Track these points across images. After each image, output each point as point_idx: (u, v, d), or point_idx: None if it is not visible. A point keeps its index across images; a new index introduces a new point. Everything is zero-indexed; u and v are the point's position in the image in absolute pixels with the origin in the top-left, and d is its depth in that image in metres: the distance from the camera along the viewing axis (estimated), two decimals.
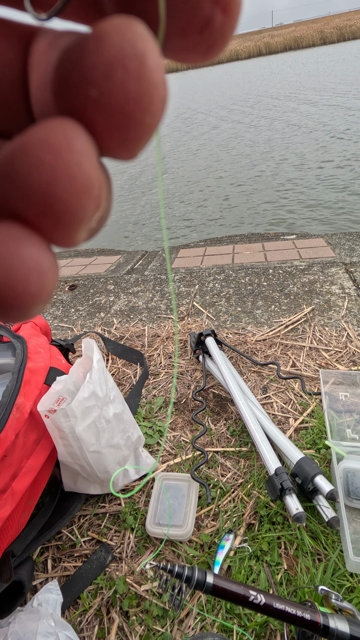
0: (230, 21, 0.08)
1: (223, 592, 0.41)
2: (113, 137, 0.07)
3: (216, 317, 1.35)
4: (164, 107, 0.08)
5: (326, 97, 7.01)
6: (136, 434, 0.78)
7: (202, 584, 0.41)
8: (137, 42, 0.07)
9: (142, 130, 0.07)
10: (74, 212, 0.07)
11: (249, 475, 0.78)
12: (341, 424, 0.82)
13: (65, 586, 0.65)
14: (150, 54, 0.07)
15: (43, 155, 0.07)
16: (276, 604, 0.41)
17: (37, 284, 0.07)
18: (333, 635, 0.40)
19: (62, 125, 0.07)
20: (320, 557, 0.64)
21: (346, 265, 1.52)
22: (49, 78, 0.08)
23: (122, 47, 0.07)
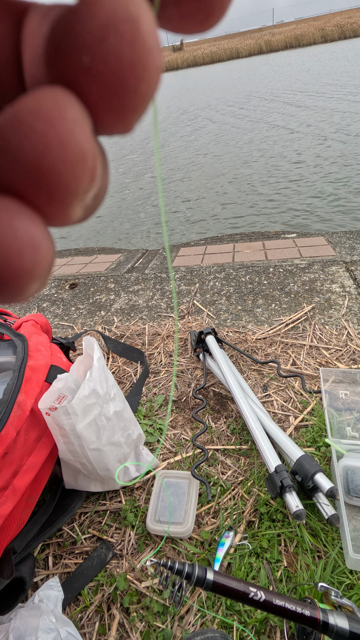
0: None
1: (223, 588, 0.41)
2: (107, 107, 0.07)
3: (217, 316, 1.35)
4: (158, 75, 0.07)
5: (326, 96, 6.99)
6: (137, 432, 0.78)
7: (203, 580, 0.41)
8: (130, 6, 0.07)
9: (137, 99, 0.07)
10: (68, 183, 0.07)
11: (249, 473, 0.78)
12: (341, 422, 0.83)
13: (66, 583, 0.66)
14: (143, 18, 0.07)
15: (35, 124, 0.07)
16: (276, 600, 0.41)
17: (31, 259, 0.07)
18: (332, 631, 0.40)
19: (54, 93, 0.07)
20: (320, 555, 0.64)
21: (347, 264, 1.52)
22: (41, 50, 0.07)
23: (114, 11, 0.07)
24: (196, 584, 0.41)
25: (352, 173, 3.44)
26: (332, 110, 5.77)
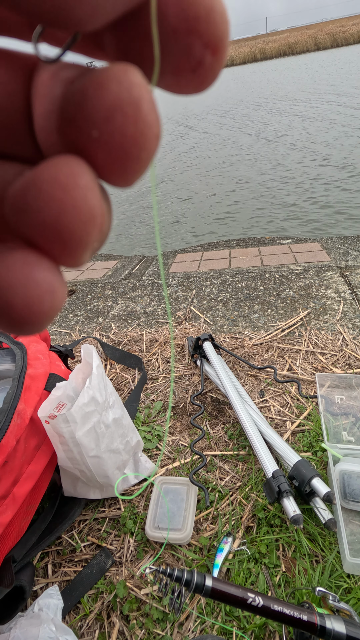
0: (219, 61, 0.09)
1: (222, 595, 0.42)
2: (112, 170, 0.08)
3: (213, 322, 1.36)
4: (157, 143, 0.09)
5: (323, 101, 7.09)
6: (135, 439, 0.78)
7: (201, 587, 0.41)
8: (134, 90, 0.08)
9: (139, 164, 0.08)
10: (80, 238, 0.08)
11: (247, 478, 0.79)
12: (337, 427, 0.84)
13: (66, 591, 0.66)
14: (145, 99, 0.08)
15: (53, 192, 0.08)
16: (274, 605, 0.42)
17: (50, 303, 0.09)
18: (330, 635, 0.41)
19: (69, 163, 0.08)
20: (317, 559, 0.65)
21: (341, 269, 1.54)
22: (53, 112, 0.08)
23: (120, 94, 0.08)
24: (195, 590, 0.42)
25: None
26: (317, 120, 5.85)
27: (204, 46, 0.08)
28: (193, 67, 0.08)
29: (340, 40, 31.48)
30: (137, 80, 0.08)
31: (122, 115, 0.08)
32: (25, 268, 0.08)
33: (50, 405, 0.62)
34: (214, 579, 0.42)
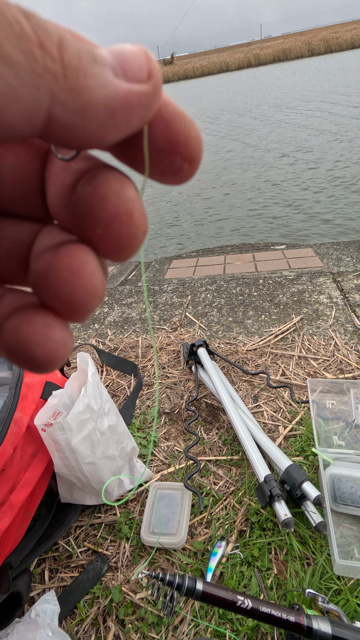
0: (194, 168, 0.11)
1: (212, 598, 0.43)
2: (111, 255, 0.11)
3: (208, 327, 1.38)
4: (144, 236, 0.11)
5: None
6: (130, 445, 0.80)
7: (193, 590, 0.43)
8: (129, 203, 0.11)
9: (131, 251, 0.11)
10: (87, 308, 0.11)
11: (240, 483, 0.81)
12: (328, 431, 0.85)
13: (63, 596, 0.67)
14: (136, 210, 0.11)
15: (68, 277, 0.10)
16: (262, 607, 0.43)
17: (63, 353, 0.11)
18: (316, 636, 0.43)
19: (80, 253, 0.11)
20: (309, 562, 0.66)
21: (334, 275, 1.57)
22: (64, 195, 0.11)
23: (119, 207, 0.10)
24: (186, 594, 0.43)
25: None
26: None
27: (183, 160, 0.11)
28: (174, 172, 0.11)
29: (333, 46, 31.87)
30: (131, 195, 0.11)
31: (119, 222, 0.10)
32: (45, 328, 0.11)
33: (47, 413, 0.63)
34: (204, 582, 0.44)
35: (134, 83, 0.09)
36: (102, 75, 0.09)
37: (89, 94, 0.09)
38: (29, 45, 0.08)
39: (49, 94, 0.08)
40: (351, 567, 0.63)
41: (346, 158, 4.13)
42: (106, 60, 0.09)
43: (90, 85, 0.09)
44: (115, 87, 0.09)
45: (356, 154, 4.20)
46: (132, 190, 0.11)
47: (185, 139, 0.11)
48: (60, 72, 0.08)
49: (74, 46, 0.09)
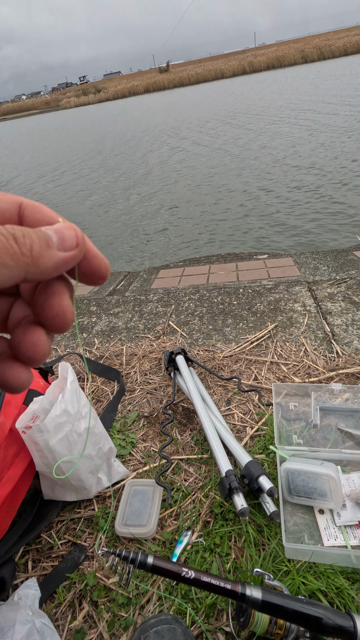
0: (104, 281, 0.21)
1: (161, 569, 0.51)
2: (55, 332, 0.20)
3: (189, 335, 1.47)
4: (73, 321, 0.20)
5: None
6: (107, 446, 0.88)
7: (144, 563, 0.51)
8: (64, 308, 0.19)
9: (66, 330, 0.20)
10: (41, 361, 0.20)
11: (208, 479, 0.88)
12: (290, 431, 0.93)
13: (43, 583, 0.74)
14: (68, 312, 0.19)
15: (30, 347, 0.19)
16: (203, 577, 0.51)
17: (27, 386, 0.20)
18: (248, 600, 0.51)
19: (38, 333, 0.19)
20: (264, 547, 0.74)
21: (309, 284, 1.65)
22: (29, 292, 0.20)
23: (58, 311, 0.19)
24: (139, 566, 0.51)
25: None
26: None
27: (98, 278, 0.20)
28: (94, 283, 0.21)
29: (326, 54, 32.33)
30: (66, 303, 0.19)
31: (58, 319, 0.19)
32: (18, 372, 0.20)
33: (27, 417, 0.71)
34: (155, 557, 0.52)
35: (68, 251, 0.18)
36: (52, 253, 0.18)
37: (45, 265, 0.17)
38: (16, 256, 0.17)
39: (24, 272, 0.17)
40: (300, 550, 0.70)
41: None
42: (53, 241, 0.18)
43: (45, 261, 0.17)
44: (58, 257, 0.18)
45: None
46: (67, 299, 0.19)
47: (98, 269, 0.20)
48: (30, 262, 0.17)
49: (37, 245, 0.17)
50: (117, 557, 0.51)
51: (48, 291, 0.19)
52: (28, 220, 0.19)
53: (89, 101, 45.06)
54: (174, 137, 8.62)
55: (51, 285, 0.19)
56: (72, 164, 8.19)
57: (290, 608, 0.51)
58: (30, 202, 0.20)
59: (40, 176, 7.61)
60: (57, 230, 0.18)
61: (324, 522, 0.76)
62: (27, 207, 0.19)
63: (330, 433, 0.93)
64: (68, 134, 15.38)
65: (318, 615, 0.51)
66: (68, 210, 4.93)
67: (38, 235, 0.17)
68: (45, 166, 8.64)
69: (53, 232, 0.18)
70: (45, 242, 0.17)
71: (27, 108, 65.64)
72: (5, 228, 0.16)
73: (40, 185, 6.76)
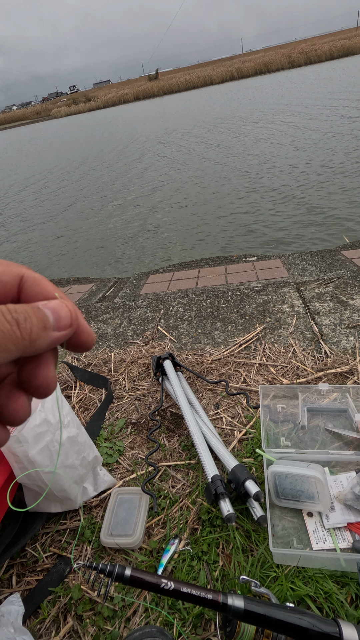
0: (89, 349, 0.21)
1: (139, 581, 0.49)
2: (37, 397, 0.20)
3: (178, 340, 1.46)
4: (54, 390, 0.20)
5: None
6: (92, 454, 0.86)
7: (121, 576, 0.49)
8: (49, 380, 0.19)
9: (47, 397, 0.21)
10: (23, 421, 0.20)
11: (195, 485, 0.87)
12: (277, 433, 0.92)
13: (27, 598, 0.72)
14: (51, 383, 0.20)
15: (15, 410, 0.20)
16: (183, 588, 0.50)
17: (28, 414, 0.20)
18: (230, 610, 0.49)
19: (22, 399, 0.20)
20: (252, 553, 0.73)
21: (297, 285, 1.65)
22: (13, 370, 0.20)
23: (42, 382, 0.19)
24: (117, 579, 0.49)
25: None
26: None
27: (84, 349, 0.21)
28: (80, 352, 0.21)
29: (313, 58, 32.81)
30: (50, 375, 0.20)
31: (42, 388, 0.20)
32: (15, 397, 0.20)
33: None
34: (133, 569, 0.50)
35: (62, 331, 0.19)
36: (48, 334, 0.19)
37: (41, 345, 0.18)
38: (17, 341, 0.17)
39: (21, 352, 0.18)
40: (288, 555, 0.69)
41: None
42: (50, 322, 0.19)
43: (41, 342, 0.18)
44: (53, 337, 0.19)
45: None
46: (52, 370, 0.20)
47: (85, 342, 0.21)
48: (29, 344, 0.18)
49: (35, 328, 0.18)
50: (94, 570, 0.50)
51: (35, 361, 0.19)
52: (27, 293, 0.20)
53: (80, 110, 45.33)
54: (161, 143, 8.67)
55: (39, 356, 0.20)
56: (61, 171, 8.21)
57: (274, 617, 0.50)
58: (31, 275, 0.21)
59: (33, 182, 7.61)
60: (54, 310, 0.19)
61: (312, 525, 0.75)
62: (27, 281, 0.20)
63: (319, 434, 0.92)
64: (60, 142, 15.43)
65: (303, 625, 0.50)
66: (55, 217, 4.92)
67: (37, 317, 0.18)
68: (38, 172, 8.65)
69: (50, 313, 0.19)
70: (43, 324, 0.18)
71: (18, 118, 65.90)
72: (9, 312, 0.17)
73: (31, 193, 6.76)
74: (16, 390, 0.20)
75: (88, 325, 0.22)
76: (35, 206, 5.88)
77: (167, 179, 5.48)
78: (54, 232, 4.42)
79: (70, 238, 4.06)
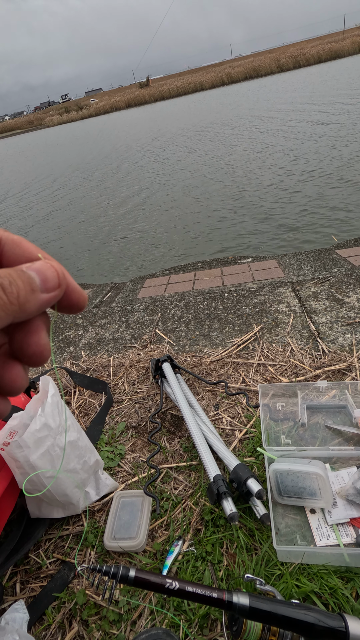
0: (81, 310, 0.21)
1: (144, 582, 0.49)
2: (32, 366, 0.20)
3: (176, 342, 1.46)
4: (49, 357, 0.20)
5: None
6: (93, 459, 0.86)
7: (126, 577, 0.49)
8: (41, 347, 0.19)
9: (42, 364, 0.20)
10: (20, 391, 0.20)
11: (198, 485, 0.87)
12: (278, 432, 0.93)
13: (32, 604, 0.72)
14: (45, 350, 0.19)
15: (10, 380, 0.19)
16: (188, 587, 0.50)
17: (25, 383, 0.20)
18: (235, 609, 0.49)
19: (17, 368, 0.19)
20: (257, 551, 0.73)
21: (293, 284, 1.66)
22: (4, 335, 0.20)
23: (36, 350, 0.19)
24: (121, 580, 0.49)
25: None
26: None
27: (76, 309, 0.21)
28: (72, 313, 0.21)
29: (301, 62, 33.20)
30: (43, 342, 0.19)
31: (36, 356, 0.19)
32: (11, 367, 0.20)
33: (4, 434, 0.70)
34: (137, 570, 0.50)
35: (51, 292, 0.19)
36: (36, 297, 0.18)
37: (30, 309, 0.18)
38: (5, 306, 0.17)
39: (12, 318, 0.18)
40: (292, 552, 0.69)
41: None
42: (37, 284, 0.19)
43: (31, 306, 0.18)
44: (42, 299, 0.19)
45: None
46: (45, 336, 0.20)
47: (77, 302, 0.21)
48: (18, 309, 0.18)
49: (22, 291, 0.18)
50: (98, 572, 0.49)
51: (26, 328, 0.19)
52: (8, 256, 0.19)
53: (72, 118, 45.59)
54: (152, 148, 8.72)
55: (29, 322, 0.19)
56: (56, 180, 8.24)
57: (280, 614, 0.50)
58: (10, 237, 0.20)
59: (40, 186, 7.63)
60: (39, 271, 0.19)
61: (315, 521, 0.75)
62: (7, 243, 0.19)
63: (319, 431, 0.92)
64: (54, 150, 15.50)
65: (309, 620, 0.50)
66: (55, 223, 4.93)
67: (23, 280, 0.18)
68: (43, 177, 8.67)
69: (36, 274, 0.18)
70: (29, 286, 0.18)
71: (11, 128, 66.18)
72: None
73: (33, 196, 6.78)
74: (10, 360, 0.19)
75: (78, 285, 0.21)
76: (34, 206, 5.89)
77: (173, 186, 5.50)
78: (49, 236, 4.43)
79: (62, 242, 4.07)
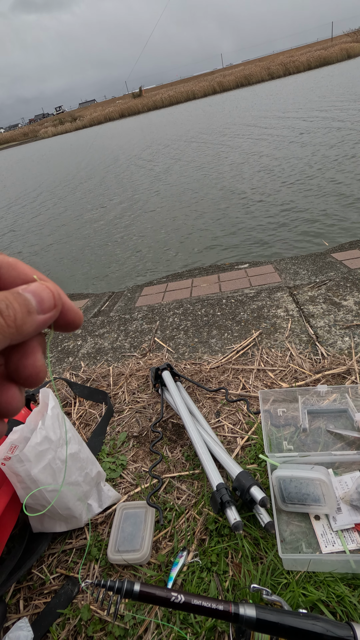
0: (77, 329, 0.21)
1: (149, 596, 0.49)
2: (27, 387, 0.20)
3: (175, 350, 1.46)
4: (45, 378, 0.20)
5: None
6: (95, 470, 0.85)
7: (130, 592, 0.49)
8: (37, 369, 0.19)
9: (38, 385, 0.20)
10: (16, 413, 0.20)
11: (201, 495, 0.86)
12: (279, 437, 0.92)
13: (36, 622, 0.71)
14: (41, 372, 0.19)
15: (7, 402, 0.19)
16: (194, 600, 0.49)
17: (21, 405, 0.20)
18: (242, 621, 0.49)
19: (13, 390, 0.19)
20: (262, 560, 0.72)
21: (290, 289, 1.67)
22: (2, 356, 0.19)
23: (32, 372, 0.19)
24: (126, 595, 0.49)
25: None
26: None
27: (72, 328, 0.21)
28: (69, 331, 0.21)
29: (291, 69, 33.70)
30: (39, 364, 0.19)
31: (32, 378, 0.19)
32: (9, 389, 0.19)
33: (5, 448, 0.69)
34: (142, 584, 0.50)
35: (47, 313, 0.19)
36: (32, 319, 0.18)
37: (27, 331, 0.18)
38: (3, 329, 0.17)
39: (9, 341, 0.18)
40: (298, 560, 0.69)
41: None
42: (33, 306, 0.18)
43: (28, 328, 0.18)
44: (38, 320, 0.19)
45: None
46: (41, 357, 0.20)
47: (73, 321, 0.21)
48: (15, 332, 0.18)
49: (19, 314, 0.18)
50: (102, 587, 0.49)
51: (22, 350, 0.19)
52: (4, 279, 0.20)
53: (67, 129, 46.02)
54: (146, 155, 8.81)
55: (25, 344, 0.19)
56: (53, 191, 8.29)
57: (287, 625, 0.49)
58: (5, 259, 0.20)
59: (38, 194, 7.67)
60: (35, 293, 0.19)
61: (320, 528, 0.74)
62: (3, 266, 0.20)
63: (320, 436, 0.92)
64: (50, 160, 15.62)
65: (317, 630, 0.49)
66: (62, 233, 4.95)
67: (19, 302, 0.18)
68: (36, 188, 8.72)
69: (32, 296, 0.19)
70: (26, 308, 0.18)
71: (6, 140, 66.71)
72: None
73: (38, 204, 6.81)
74: (6, 382, 0.19)
75: (73, 304, 0.21)
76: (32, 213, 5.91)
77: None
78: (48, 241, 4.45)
79: (57, 251, 4.08)
